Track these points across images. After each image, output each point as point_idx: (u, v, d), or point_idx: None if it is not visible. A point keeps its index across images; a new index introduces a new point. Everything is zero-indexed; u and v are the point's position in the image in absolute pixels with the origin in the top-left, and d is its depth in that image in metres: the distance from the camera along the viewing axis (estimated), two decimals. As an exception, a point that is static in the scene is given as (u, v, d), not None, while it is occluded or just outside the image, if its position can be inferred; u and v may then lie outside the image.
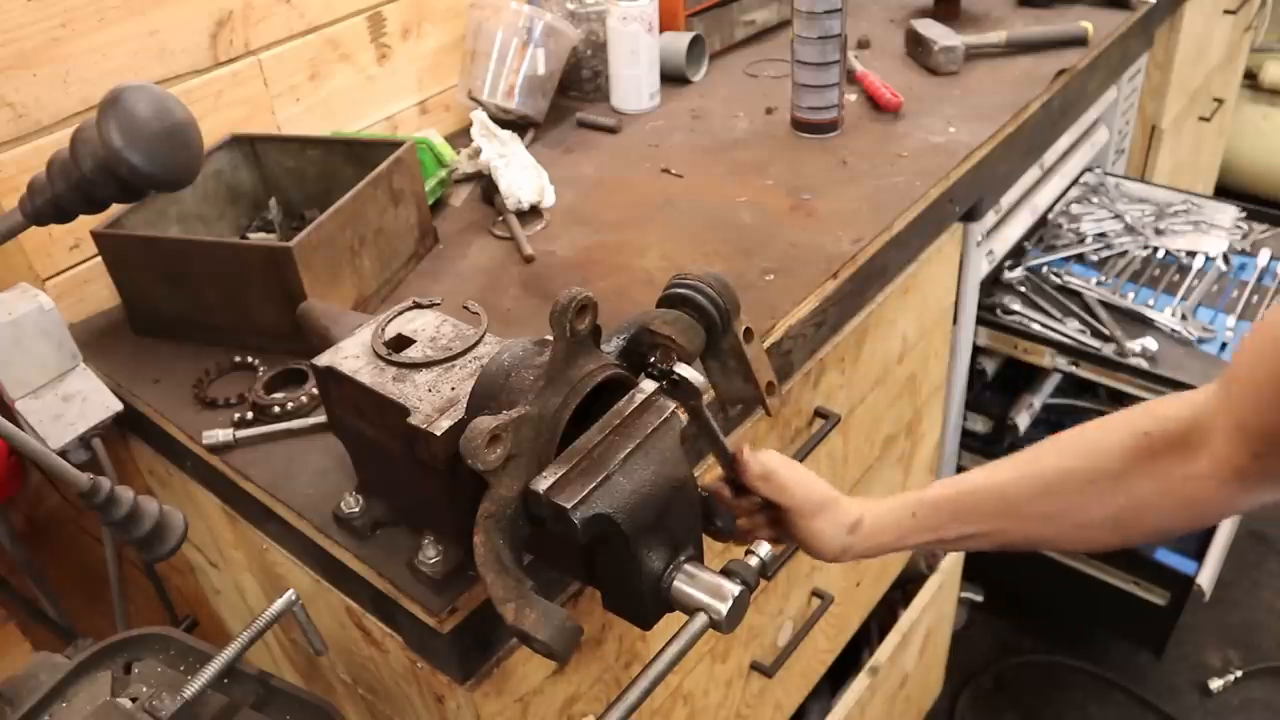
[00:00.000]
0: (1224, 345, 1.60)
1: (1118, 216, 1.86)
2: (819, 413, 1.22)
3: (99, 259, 1.11)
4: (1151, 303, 1.68)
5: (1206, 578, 1.70)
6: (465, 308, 0.83)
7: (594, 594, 0.89)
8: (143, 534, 0.84)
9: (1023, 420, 1.87)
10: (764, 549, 0.76)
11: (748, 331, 0.80)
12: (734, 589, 0.68)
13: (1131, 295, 1.70)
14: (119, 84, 0.75)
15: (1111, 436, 0.74)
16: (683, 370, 0.72)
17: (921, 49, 1.61)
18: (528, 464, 0.65)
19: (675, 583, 0.68)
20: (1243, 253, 1.80)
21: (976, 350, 1.69)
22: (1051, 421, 1.96)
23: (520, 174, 1.28)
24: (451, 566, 0.78)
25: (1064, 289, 1.72)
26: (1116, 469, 0.73)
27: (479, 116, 1.37)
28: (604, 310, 0.68)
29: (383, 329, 0.80)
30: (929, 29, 1.61)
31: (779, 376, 1.09)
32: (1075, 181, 1.92)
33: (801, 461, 1.18)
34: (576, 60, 1.58)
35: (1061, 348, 1.63)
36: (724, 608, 0.67)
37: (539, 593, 0.65)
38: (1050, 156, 1.74)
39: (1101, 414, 0.77)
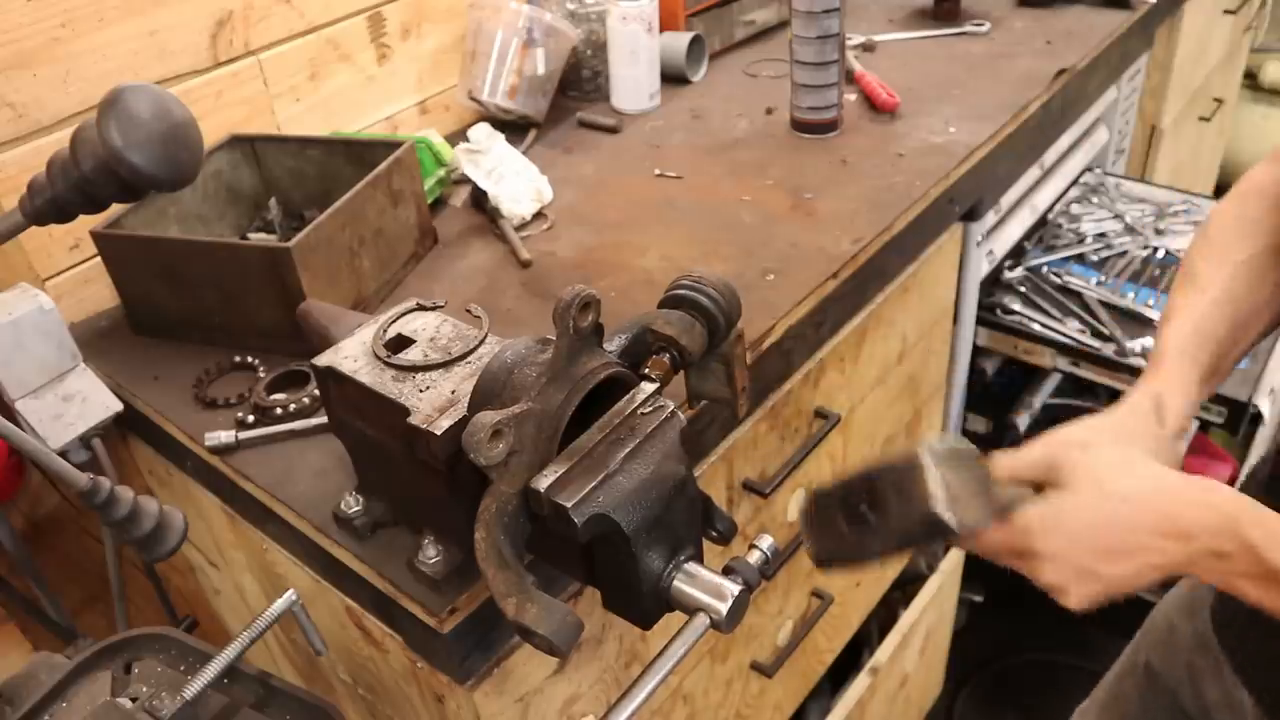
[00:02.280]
0: (1224, 345, 1.60)
1: (1118, 216, 1.86)
2: (819, 413, 1.22)
3: (99, 259, 1.11)
4: (1151, 303, 1.68)
5: (1206, 578, 1.70)
6: (468, 311, 0.83)
7: (594, 593, 0.89)
8: (143, 534, 0.84)
9: (1023, 420, 1.87)
10: (766, 543, 0.75)
11: (738, 336, 0.80)
12: (734, 589, 0.68)
13: (1131, 295, 1.69)
14: (119, 84, 0.75)
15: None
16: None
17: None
18: (529, 461, 0.65)
19: (675, 582, 0.68)
20: (1242, 253, 1.80)
21: (976, 350, 1.69)
22: (1051, 421, 1.96)
23: (515, 183, 1.28)
24: (451, 566, 0.78)
25: (1064, 289, 1.72)
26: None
27: (463, 145, 1.35)
28: (604, 310, 0.68)
29: (384, 330, 0.80)
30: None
31: (779, 377, 1.10)
32: (1075, 181, 1.92)
33: (800, 462, 1.18)
34: (576, 60, 1.58)
35: (1061, 348, 1.63)
36: (724, 607, 0.67)
37: (539, 588, 0.65)
38: (1050, 156, 1.74)
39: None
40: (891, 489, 0.68)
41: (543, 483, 0.63)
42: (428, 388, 0.73)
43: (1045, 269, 1.76)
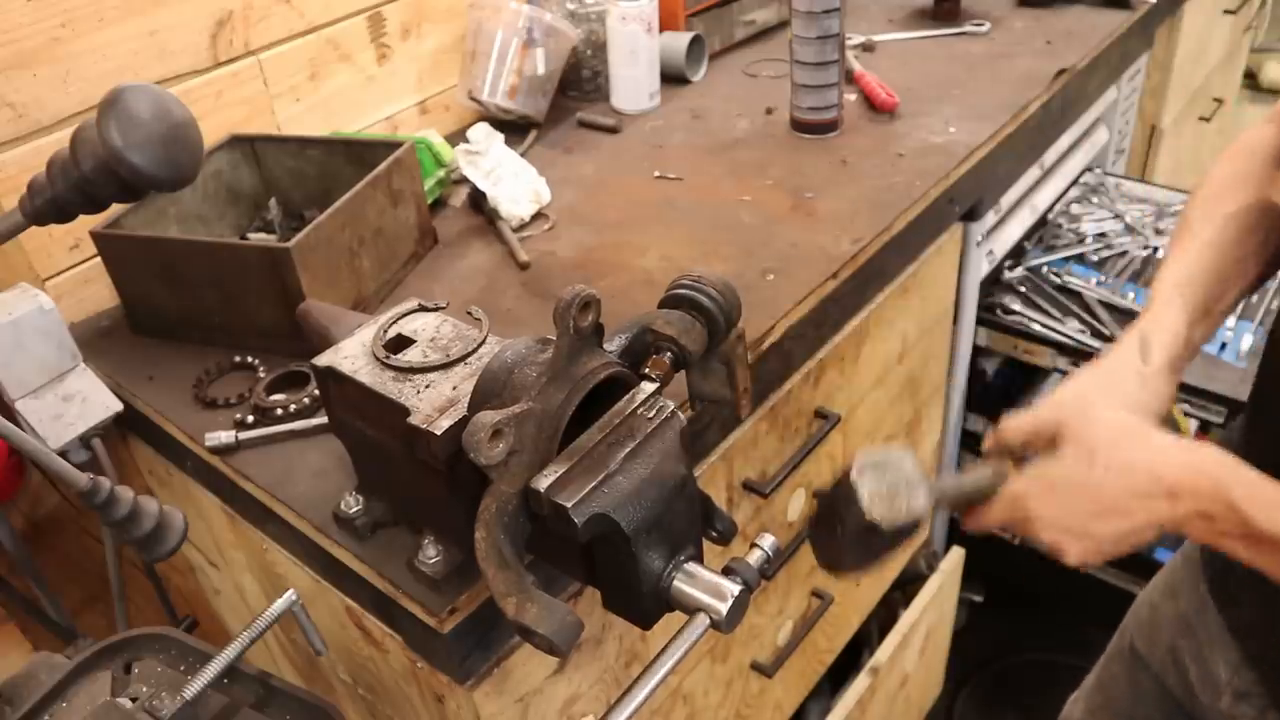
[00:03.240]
0: (1223, 345, 1.60)
1: (1118, 216, 1.86)
2: (819, 413, 1.22)
3: (99, 259, 1.11)
4: (1151, 303, 1.68)
5: (1206, 578, 1.70)
6: (469, 314, 0.83)
7: (594, 594, 0.89)
8: (143, 534, 0.84)
9: (1023, 420, 1.87)
10: (767, 542, 0.75)
11: (739, 336, 0.80)
12: (734, 588, 0.68)
13: (1131, 295, 1.69)
14: (119, 84, 0.75)
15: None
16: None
17: None
18: (530, 461, 0.65)
19: (675, 582, 0.68)
20: (1242, 253, 1.80)
21: (976, 350, 1.69)
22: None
23: (513, 184, 1.27)
24: (451, 566, 0.78)
25: (1064, 289, 1.72)
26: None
27: (462, 146, 1.35)
28: (604, 310, 0.68)
29: (384, 330, 0.80)
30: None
31: (779, 377, 1.10)
32: (1075, 181, 1.92)
33: (800, 462, 1.18)
34: (576, 60, 1.58)
35: (1061, 348, 1.63)
36: (724, 607, 0.67)
37: (539, 588, 0.65)
38: (1050, 156, 1.74)
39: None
40: (842, 504, 0.75)
41: (543, 483, 0.63)
42: (427, 388, 0.73)
43: (1045, 269, 1.76)
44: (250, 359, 1.05)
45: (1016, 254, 1.77)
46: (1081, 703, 1.21)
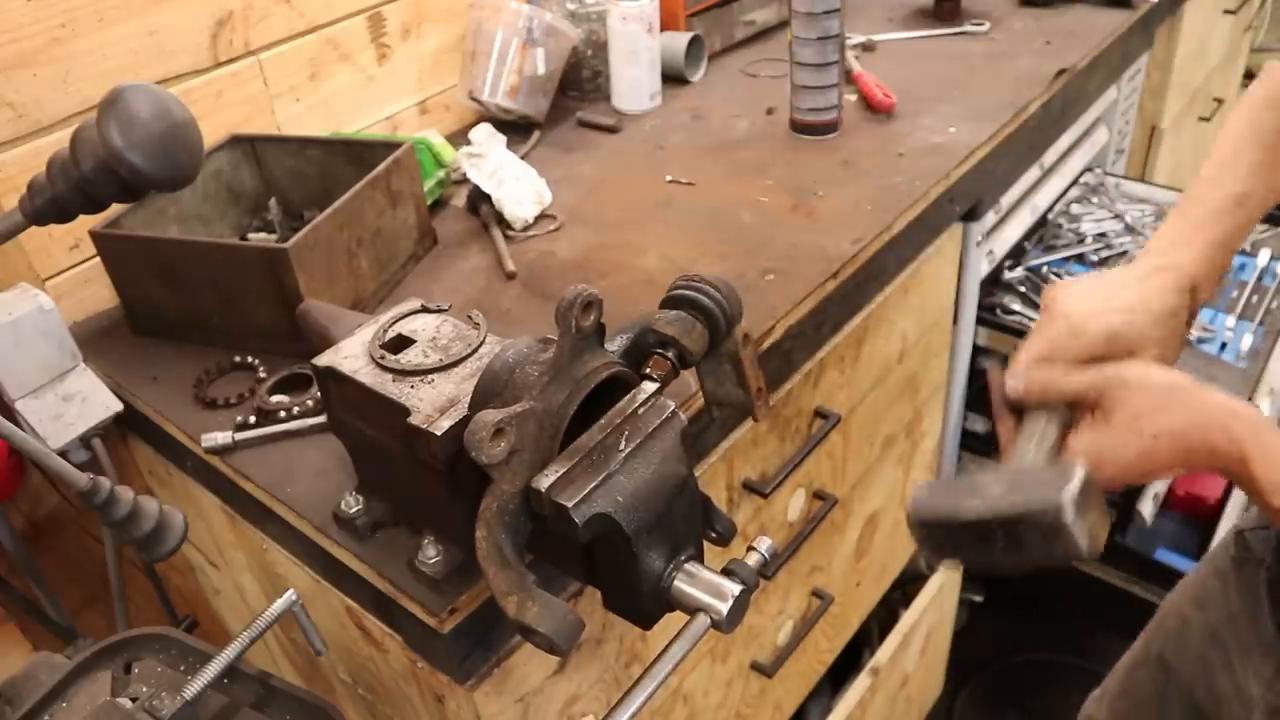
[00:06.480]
0: (1224, 345, 1.60)
1: (1118, 216, 1.86)
2: (819, 413, 1.22)
3: (99, 259, 1.11)
4: (1151, 303, 1.68)
5: (1206, 578, 1.70)
6: (469, 317, 0.83)
7: (594, 594, 0.89)
8: (143, 534, 0.84)
9: (1023, 420, 1.86)
10: (764, 545, 0.75)
11: (745, 336, 0.80)
12: (734, 589, 0.68)
13: (1131, 295, 1.69)
14: (119, 84, 0.75)
15: None
16: None
17: None
18: (531, 460, 0.65)
19: (675, 582, 0.68)
20: (1243, 253, 1.80)
21: (976, 350, 1.69)
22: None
23: (515, 186, 1.27)
24: (451, 566, 0.78)
25: (1064, 289, 1.72)
26: None
27: (465, 149, 1.35)
28: (605, 310, 0.68)
29: (384, 330, 0.80)
30: None
31: (779, 377, 1.10)
32: (1075, 181, 1.92)
33: (800, 462, 1.18)
34: (576, 60, 1.58)
35: (1061, 348, 1.63)
36: (724, 607, 0.67)
37: (540, 587, 0.65)
38: (1050, 156, 1.74)
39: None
40: (1036, 535, 0.71)
41: (544, 482, 0.63)
42: (428, 388, 0.73)
43: (1045, 269, 1.76)
44: (250, 359, 1.05)
45: (1016, 254, 1.77)
46: (1105, 705, 1.20)
